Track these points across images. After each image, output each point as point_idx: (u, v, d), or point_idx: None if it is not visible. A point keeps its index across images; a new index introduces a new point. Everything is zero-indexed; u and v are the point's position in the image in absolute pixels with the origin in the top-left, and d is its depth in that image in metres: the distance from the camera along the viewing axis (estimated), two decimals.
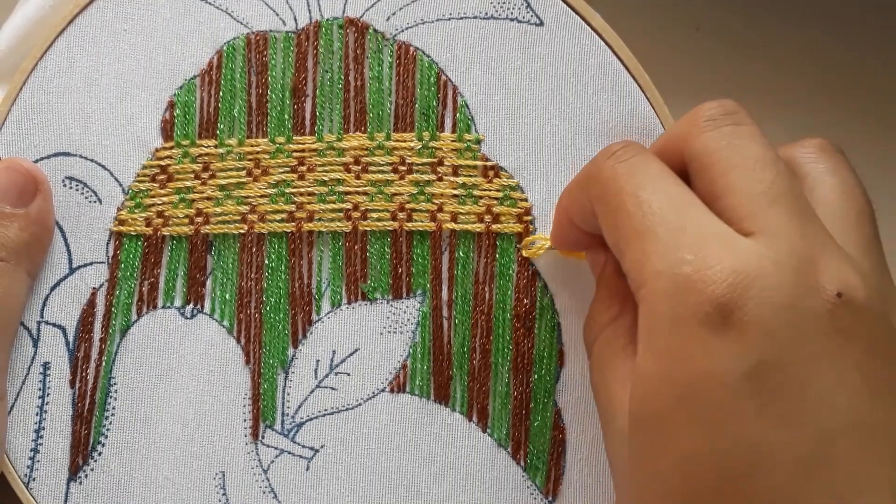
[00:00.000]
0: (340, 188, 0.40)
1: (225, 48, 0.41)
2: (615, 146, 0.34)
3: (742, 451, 0.28)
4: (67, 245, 0.40)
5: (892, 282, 0.32)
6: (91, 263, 0.40)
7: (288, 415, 0.40)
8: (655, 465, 0.30)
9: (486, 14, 0.40)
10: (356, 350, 0.40)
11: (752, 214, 0.30)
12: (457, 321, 0.40)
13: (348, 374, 0.40)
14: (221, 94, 0.41)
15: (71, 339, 0.40)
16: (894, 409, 0.29)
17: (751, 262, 0.29)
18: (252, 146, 0.40)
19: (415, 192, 0.40)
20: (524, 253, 0.40)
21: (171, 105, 0.41)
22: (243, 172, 0.40)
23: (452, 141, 0.40)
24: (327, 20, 0.41)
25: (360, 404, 0.40)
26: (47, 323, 0.40)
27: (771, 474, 0.28)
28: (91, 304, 0.40)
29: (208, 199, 0.40)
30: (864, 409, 0.28)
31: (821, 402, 0.28)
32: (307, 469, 0.40)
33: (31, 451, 0.40)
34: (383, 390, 0.40)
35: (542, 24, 0.40)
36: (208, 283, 0.40)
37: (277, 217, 0.40)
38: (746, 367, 0.28)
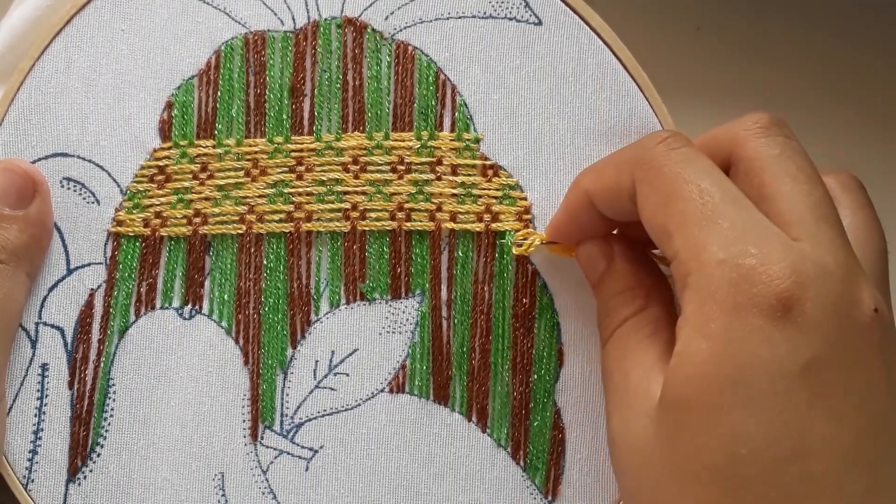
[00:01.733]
0: (339, 188, 0.40)
1: (223, 48, 0.41)
2: (663, 133, 0.35)
3: (791, 438, 0.30)
4: (65, 246, 0.40)
5: (893, 316, 0.34)
6: (89, 264, 0.40)
7: (287, 415, 0.40)
8: (696, 443, 0.31)
9: (485, 13, 0.40)
10: (355, 350, 0.40)
11: (802, 223, 0.32)
12: (456, 321, 0.40)
13: (347, 375, 0.40)
14: (219, 94, 0.41)
15: (69, 340, 0.40)
16: None
17: (808, 264, 0.30)
18: (250, 146, 0.40)
19: (413, 191, 0.40)
20: (515, 251, 0.40)
21: (169, 105, 0.41)
22: (241, 173, 0.40)
23: (451, 140, 0.40)
24: (325, 20, 0.41)
25: (359, 405, 0.40)
26: (45, 324, 0.40)
27: (814, 463, 0.30)
28: (89, 305, 0.40)
29: (206, 199, 0.40)
30: (889, 413, 0.31)
31: (859, 402, 0.30)
32: (306, 470, 0.40)
33: (29, 452, 0.40)
34: (382, 391, 0.40)
35: (540, 23, 0.40)
36: (206, 283, 0.40)
37: (276, 217, 0.40)
38: (803, 361, 0.30)
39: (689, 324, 0.31)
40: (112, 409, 0.40)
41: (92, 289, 0.40)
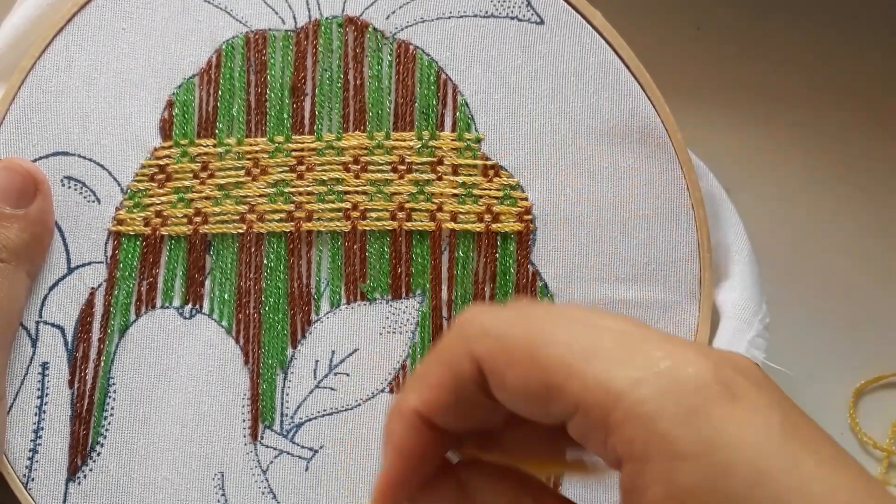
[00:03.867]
0: (339, 188, 0.40)
1: (224, 47, 0.41)
2: (476, 307, 0.29)
3: (794, 498, 0.26)
4: (66, 245, 0.40)
5: None
6: (89, 263, 0.40)
7: (287, 415, 0.40)
8: None
9: (486, 12, 0.40)
10: (355, 350, 0.40)
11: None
12: None
13: (347, 375, 0.40)
14: (220, 93, 0.40)
15: (69, 339, 0.40)
16: None
17: (703, 354, 0.28)
18: (251, 145, 0.40)
19: (414, 191, 0.40)
20: None
21: (170, 104, 0.40)
22: (242, 172, 0.40)
23: (452, 140, 0.40)
24: (327, 19, 0.41)
25: (359, 405, 0.40)
26: (46, 323, 0.40)
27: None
28: (89, 304, 0.40)
29: (207, 198, 0.40)
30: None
31: (833, 442, 0.28)
32: (306, 469, 0.40)
33: (29, 451, 0.40)
34: (383, 391, 0.40)
35: (542, 22, 0.40)
36: (207, 282, 0.40)
37: (276, 217, 0.40)
38: (779, 419, 0.27)
39: (652, 462, 0.27)
40: (112, 409, 0.40)
41: (92, 288, 0.40)
